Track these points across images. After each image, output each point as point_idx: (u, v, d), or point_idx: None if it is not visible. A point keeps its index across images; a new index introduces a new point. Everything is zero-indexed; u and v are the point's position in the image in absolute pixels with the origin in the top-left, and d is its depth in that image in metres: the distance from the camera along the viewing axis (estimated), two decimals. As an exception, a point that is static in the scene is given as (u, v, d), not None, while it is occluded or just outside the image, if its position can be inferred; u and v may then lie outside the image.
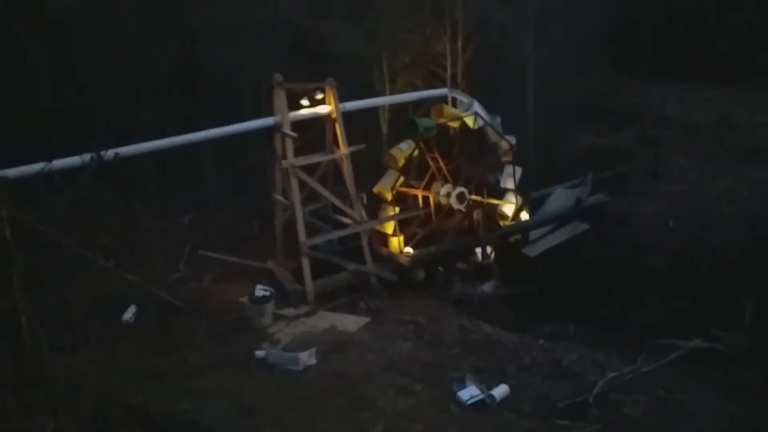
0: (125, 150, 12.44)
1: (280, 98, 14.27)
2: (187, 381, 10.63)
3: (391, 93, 18.88)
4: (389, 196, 16.59)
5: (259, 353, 11.78)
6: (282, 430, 9.38)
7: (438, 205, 16.90)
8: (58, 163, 11.43)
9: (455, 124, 16.80)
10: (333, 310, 14.14)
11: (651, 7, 22.57)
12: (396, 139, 17.49)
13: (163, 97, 18.09)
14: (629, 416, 9.82)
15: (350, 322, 13.43)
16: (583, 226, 17.70)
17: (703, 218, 18.06)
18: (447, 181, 16.83)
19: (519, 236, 17.76)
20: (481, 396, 10.26)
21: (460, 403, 10.18)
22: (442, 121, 16.46)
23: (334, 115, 15.06)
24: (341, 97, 15.19)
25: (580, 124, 23.57)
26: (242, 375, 10.99)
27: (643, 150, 21.77)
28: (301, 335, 12.84)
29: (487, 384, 10.63)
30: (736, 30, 24.65)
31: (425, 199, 16.92)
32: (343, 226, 15.80)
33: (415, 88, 18.82)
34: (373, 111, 19.78)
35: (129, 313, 13.15)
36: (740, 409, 9.81)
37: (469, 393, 10.26)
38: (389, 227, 16.53)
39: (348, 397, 10.30)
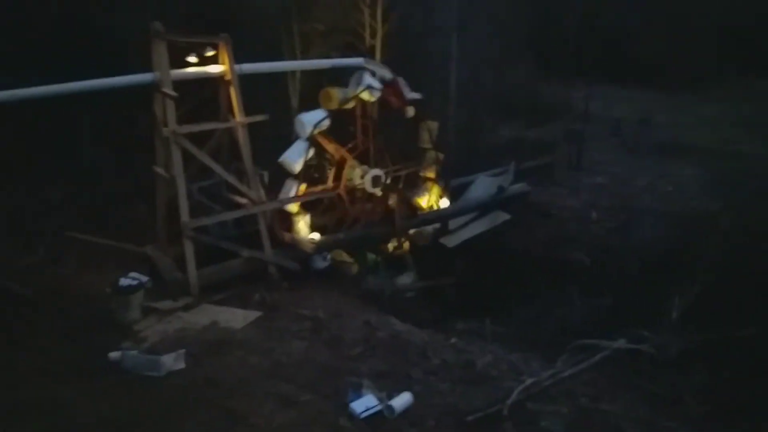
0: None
1: (160, 51, 12.04)
2: (7, 393, 8.34)
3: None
4: (296, 169, 14.49)
5: (114, 355, 9.61)
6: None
7: (351, 188, 15.18)
8: None
9: (351, 105, 14.84)
10: (221, 303, 12.13)
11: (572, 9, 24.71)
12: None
13: (32, 54, 15.37)
14: (548, 431, 8.47)
15: (237, 318, 11.46)
16: (505, 216, 16.78)
17: (626, 212, 17.62)
18: (361, 164, 15.17)
19: (437, 225, 16.53)
20: (379, 407, 8.62)
21: (352, 416, 8.49)
22: (335, 107, 14.40)
23: (228, 77, 12.99)
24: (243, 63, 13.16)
25: (504, 116, 23.29)
26: (85, 383, 8.75)
27: (565, 143, 21.68)
28: (174, 333, 10.76)
29: (389, 391, 9.00)
30: (656, 38, 27.01)
31: (336, 181, 15.13)
32: (239, 206, 13.77)
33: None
34: (284, 82, 17.87)
35: (-43, 305, 10.68)
36: (671, 422, 8.66)
37: (365, 404, 8.57)
38: (293, 207, 14.60)
39: (214, 410, 8.32)
